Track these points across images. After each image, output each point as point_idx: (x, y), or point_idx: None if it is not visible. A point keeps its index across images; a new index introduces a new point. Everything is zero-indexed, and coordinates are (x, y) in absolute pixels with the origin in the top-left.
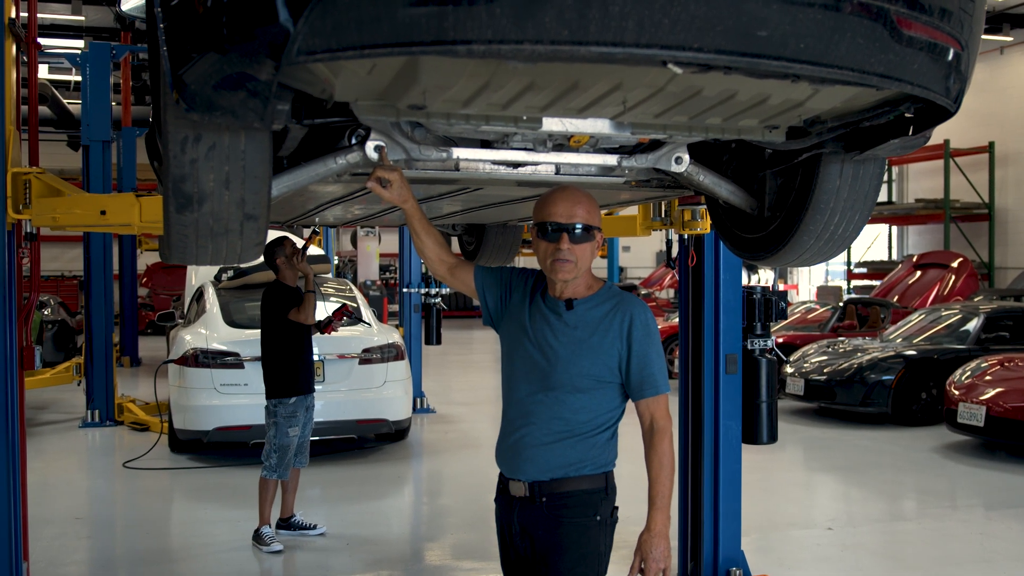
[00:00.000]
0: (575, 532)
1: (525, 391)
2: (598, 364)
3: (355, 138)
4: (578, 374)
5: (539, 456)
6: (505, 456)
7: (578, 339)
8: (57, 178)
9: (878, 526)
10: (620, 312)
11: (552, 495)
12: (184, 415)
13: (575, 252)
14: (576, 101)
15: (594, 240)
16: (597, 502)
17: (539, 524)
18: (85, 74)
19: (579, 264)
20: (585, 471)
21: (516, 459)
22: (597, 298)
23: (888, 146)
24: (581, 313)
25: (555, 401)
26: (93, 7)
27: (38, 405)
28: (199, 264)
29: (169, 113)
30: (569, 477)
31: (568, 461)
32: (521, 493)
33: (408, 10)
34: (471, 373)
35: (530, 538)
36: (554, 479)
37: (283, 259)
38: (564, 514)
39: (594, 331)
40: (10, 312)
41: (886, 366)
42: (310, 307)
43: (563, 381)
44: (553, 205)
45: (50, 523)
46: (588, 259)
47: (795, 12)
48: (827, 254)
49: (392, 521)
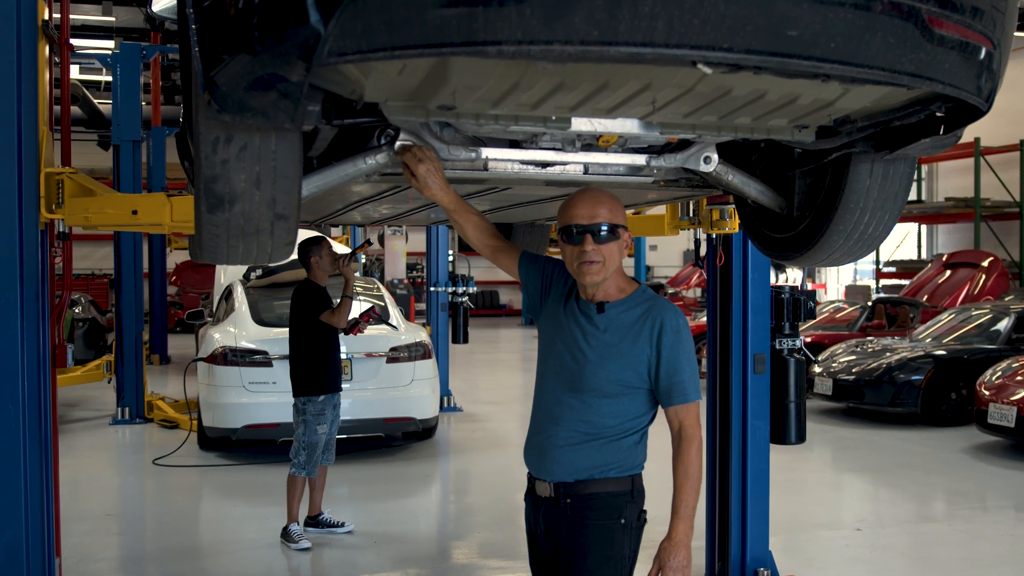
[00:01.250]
0: (598, 534)
1: (554, 392)
2: (627, 370)
3: (384, 138)
4: (606, 379)
5: (564, 458)
6: (532, 455)
7: (608, 343)
8: (89, 178)
9: (907, 527)
10: (651, 317)
11: (577, 497)
12: (213, 413)
13: (601, 252)
14: (605, 101)
15: (620, 239)
16: (622, 505)
17: (563, 525)
18: (116, 74)
19: (607, 264)
20: (611, 474)
21: (542, 459)
22: (629, 301)
23: (919, 145)
24: (612, 317)
25: (582, 405)
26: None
27: (69, 402)
28: (230, 264)
29: (200, 114)
30: (594, 479)
31: (594, 464)
32: (546, 494)
33: (438, 11)
34: (498, 372)
35: (554, 539)
36: (579, 481)
37: (317, 259)
38: (588, 516)
39: (624, 336)
40: (43, 310)
41: (915, 366)
42: (345, 312)
43: (591, 385)
44: (575, 208)
45: (81, 519)
46: (616, 259)
47: (826, 11)
48: (857, 254)
49: (419, 519)
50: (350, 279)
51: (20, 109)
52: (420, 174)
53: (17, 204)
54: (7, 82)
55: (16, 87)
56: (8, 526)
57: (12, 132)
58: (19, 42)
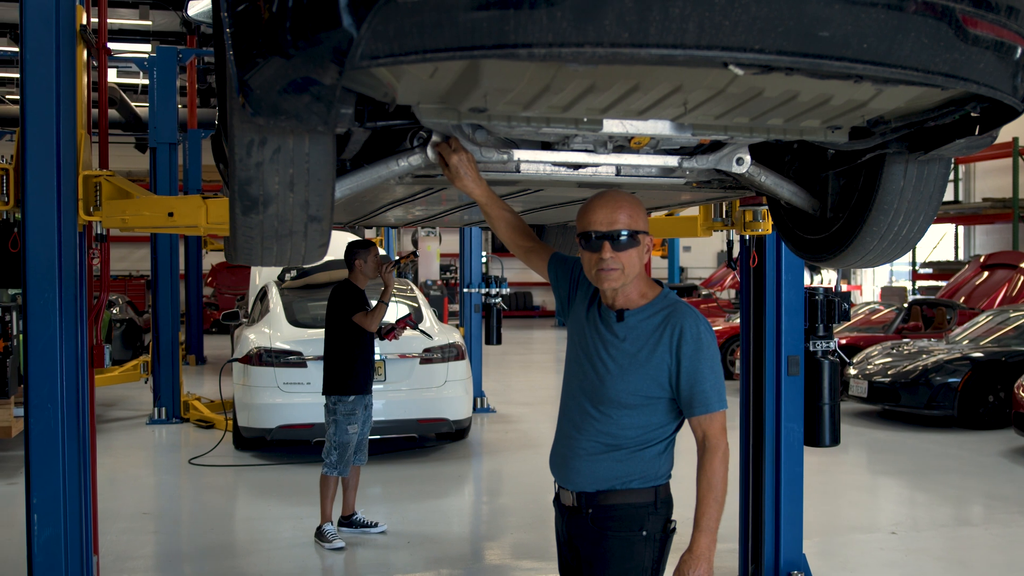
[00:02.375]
0: (619, 546)
1: (577, 401)
2: (647, 380)
3: (417, 140)
4: (626, 391)
5: (586, 468)
6: (555, 463)
7: (628, 353)
8: (126, 180)
9: (943, 531)
10: (670, 324)
11: (598, 507)
12: (248, 413)
13: (620, 260)
14: (637, 103)
15: (639, 245)
16: (644, 516)
17: (585, 535)
18: (152, 78)
19: (626, 271)
20: (633, 485)
21: (565, 468)
22: (650, 308)
23: (953, 146)
24: (633, 324)
25: (603, 416)
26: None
27: (107, 402)
28: (264, 265)
29: (235, 117)
30: (616, 490)
31: (615, 474)
32: (569, 503)
33: (469, 14)
34: (531, 373)
35: (576, 548)
36: (600, 491)
37: (361, 263)
38: (609, 527)
39: (644, 345)
40: (81, 311)
41: (952, 368)
42: (378, 316)
43: (611, 397)
44: (593, 213)
45: (118, 518)
46: (636, 265)
47: (858, 12)
48: (890, 256)
49: (452, 520)
50: (389, 286)
51: (59, 113)
52: (453, 164)
53: (56, 207)
54: (46, 87)
55: (55, 92)
56: (47, 524)
57: (51, 136)
58: (58, 47)
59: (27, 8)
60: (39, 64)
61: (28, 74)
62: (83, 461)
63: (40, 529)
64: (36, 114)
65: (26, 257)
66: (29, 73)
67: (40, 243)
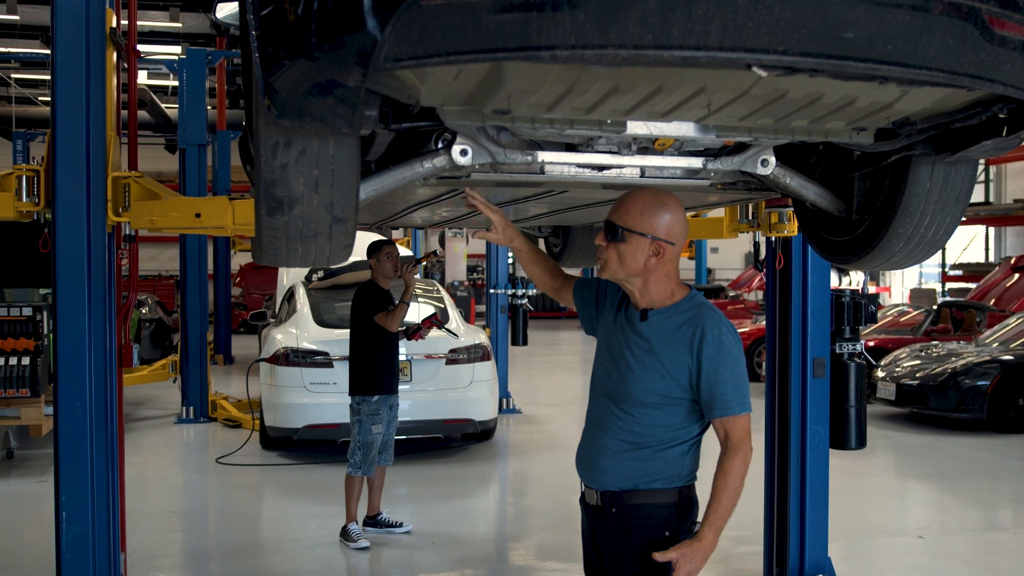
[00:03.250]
0: (642, 547)
1: (602, 400)
2: (667, 380)
3: (441, 142)
4: (646, 390)
5: (610, 467)
6: (581, 462)
7: (649, 352)
8: (154, 182)
9: (971, 535)
10: (692, 326)
11: (622, 507)
12: (275, 413)
13: (605, 252)
14: (660, 104)
15: (628, 244)
16: (667, 517)
17: (608, 534)
18: (182, 79)
19: (609, 265)
20: (656, 484)
21: (590, 467)
22: (675, 309)
23: (981, 148)
24: (655, 324)
25: (626, 414)
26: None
27: (135, 401)
28: (289, 266)
29: (261, 119)
30: (639, 489)
31: (638, 473)
32: (594, 502)
33: (492, 17)
34: (558, 374)
35: (600, 548)
36: (624, 491)
37: (375, 261)
38: (632, 526)
39: (664, 345)
40: (110, 311)
41: (981, 371)
42: (399, 316)
43: (633, 395)
44: (616, 203)
45: (146, 516)
46: (627, 263)
47: (882, 13)
48: (917, 258)
49: (477, 520)
50: (410, 285)
51: (89, 116)
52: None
53: (85, 208)
54: (76, 90)
55: (85, 94)
56: (76, 522)
57: (81, 138)
58: (88, 51)
59: (58, 12)
60: (69, 68)
61: (59, 77)
62: (111, 459)
63: (69, 526)
64: (66, 117)
65: (56, 257)
66: (60, 76)
67: (70, 244)
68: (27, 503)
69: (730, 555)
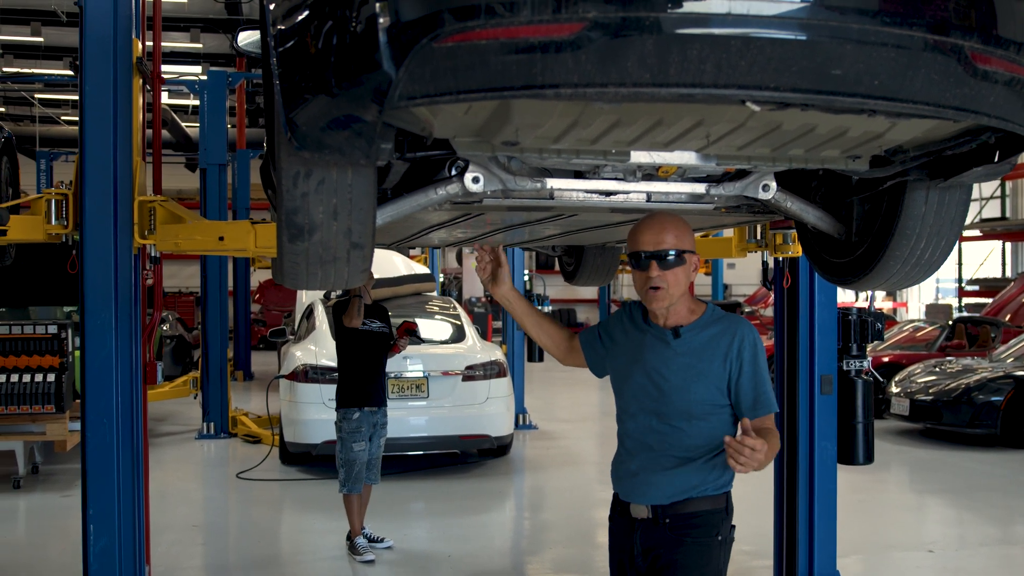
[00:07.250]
0: (698, 552)
1: (639, 420)
2: (711, 389)
3: (455, 170)
4: (692, 401)
5: (661, 481)
6: (623, 481)
7: (687, 366)
8: (179, 205)
9: (984, 550)
10: (727, 334)
11: (676, 516)
12: (294, 428)
13: (666, 279)
14: (661, 136)
15: (685, 264)
16: (718, 522)
17: (662, 544)
18: (203, 100)
19: (670, 290)
20: (707, 492)
21: (637, 485)
22: (701, 322)
23: (972, 174)
24: (688, 339)
25: (672, 429)
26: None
27: (157, 417)
28: (309, 289)
29: (282, 150)
30: (692, 498)
31: (690, 484)
32: (643, 515)
33: (500, 57)
34: (574, 390)
35: (652, 559)
36: (675, 501)
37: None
38: (689, 534)
39: (701, 356)
40: (136, 331)
41: (995, 387)
42: (353, 310)
43: (677, 409)
44: (641, 234)
45: (169, 529)
46: (682, 284)
47: (869, 51)
48: (914, 279)
49: (494, 535)
50: (366, 287)
51: (116, 143)
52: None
53: (113, 231)
54: (104, 117)
55: (112, 122)
56: (103, 534)
57: (108, 164)
58: (115, 81)
59: (87, 43)
60: (97, 96)
61: (87, 105)
62: (136, 474)
63: (96, 539)
64: (94, 143)
65: (84, 279)
66: (88, 104)
67: (97, 265)
68: (52, 517)
69: (740, 568)
